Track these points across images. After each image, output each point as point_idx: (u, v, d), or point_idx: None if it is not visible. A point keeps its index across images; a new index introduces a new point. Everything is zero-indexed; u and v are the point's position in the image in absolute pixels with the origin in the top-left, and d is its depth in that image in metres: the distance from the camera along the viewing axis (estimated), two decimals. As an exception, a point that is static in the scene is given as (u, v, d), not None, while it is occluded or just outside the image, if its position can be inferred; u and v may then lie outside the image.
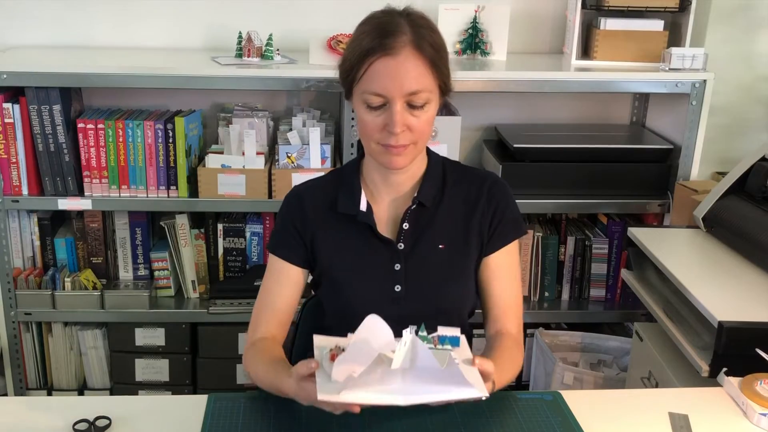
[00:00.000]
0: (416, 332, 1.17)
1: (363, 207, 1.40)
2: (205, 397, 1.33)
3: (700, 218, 1.95)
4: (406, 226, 1.40)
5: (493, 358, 1.28)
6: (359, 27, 1.34)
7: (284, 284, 1.44)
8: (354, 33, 1.34)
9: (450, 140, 2.23)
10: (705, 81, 2.20)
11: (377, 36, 1.28)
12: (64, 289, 2.32)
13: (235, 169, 2.22)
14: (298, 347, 1.70)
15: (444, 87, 1.34)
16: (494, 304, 1.44)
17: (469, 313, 1.49)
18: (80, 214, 2.36)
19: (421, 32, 1.29)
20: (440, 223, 1.41)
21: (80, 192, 2.25)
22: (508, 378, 1.33)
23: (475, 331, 1.76)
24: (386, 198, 1.43)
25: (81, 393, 2.46)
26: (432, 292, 1.40)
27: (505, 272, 1.44)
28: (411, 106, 1.29)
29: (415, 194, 1.41)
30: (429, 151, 1.45)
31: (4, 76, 2.10)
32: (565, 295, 2.48)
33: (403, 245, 1.40)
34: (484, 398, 1.11)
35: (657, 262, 1.81)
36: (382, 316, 1.41)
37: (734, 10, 2.40)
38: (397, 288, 1.40)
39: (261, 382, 1.33)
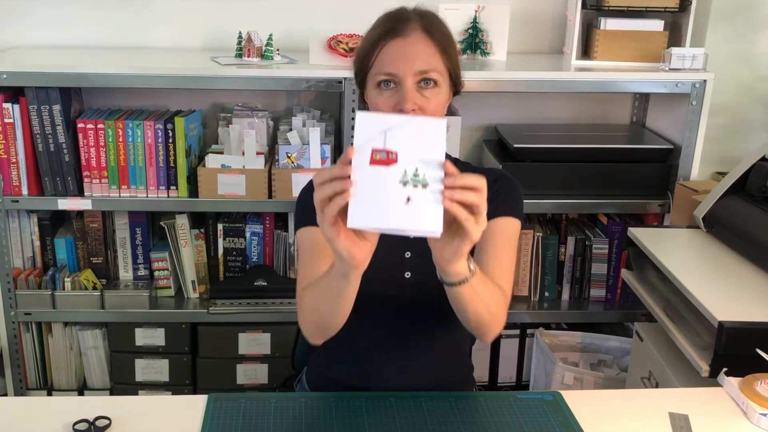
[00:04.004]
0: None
1: None
2: (205, 397, 1.33)
3: (700, 218, 1.95)
4: None
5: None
6: (372, 24, 1.38)
7: (321, 252, 1.38)
8: (367, 31, 1.38)
9: (450, 140, 2.23)
10: (705, 81, 2.20)
11: (388, 22, 1.33)
12: (64, 289, 2.32)
13: (235, 169, 2.22)
14: (300, 346, 1.71)
15: (454, 75, 1.37)
16: (484, 268, 1.37)
17: None
18: (80, 214, 2.36)
19: (430, 19, 1.35)
20: None
21: (80, 192, 2.25)
22: (486, 293, 1.24)
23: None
24: None
25: (81, 393, 2.45)
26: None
27: (498, 241, 1.39)
28: (421, 86, 1.31)
29: None
30: None
31: (4, 76, 2.10)
32: (565, 295, 2.48)
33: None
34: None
35: (657, 262, 1.81)
36: (392, 303, 1.41)
37: (734, 10, 2.40)
38: (407, 275, 1.41)
39: (320, 292, 1.25)
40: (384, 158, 1.02)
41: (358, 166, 1.02)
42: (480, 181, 1.03)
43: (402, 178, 1.01)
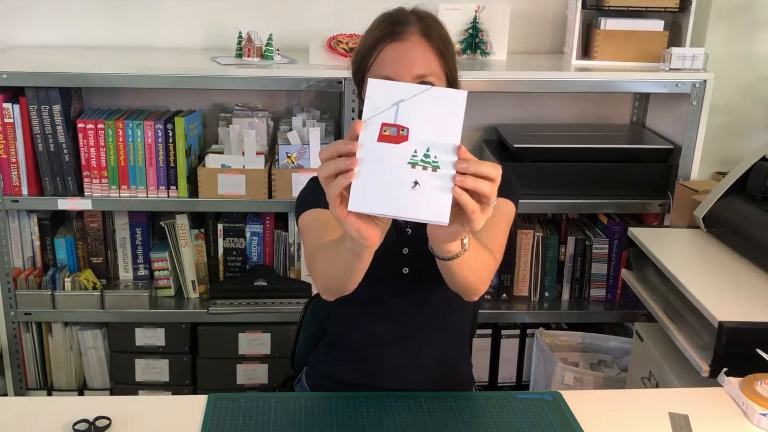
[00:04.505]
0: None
1: None
2: (205, 397, 1.33)
3: (701, 218, 1.95)
4: None
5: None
6: (371, 24, 1.38)
7: (327, 229, 1.34)
8: (366, 30, 1.39)
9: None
10: (705, 81, 2.20)
11: (387, 25, 1.33)
12: (64, 289, 2.32)
13: (235, 169, 2.22)
14: (301, 346, 1.71)
15: (451, 78, 1.37)
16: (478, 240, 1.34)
17: (476, 303, 1.47)
18: (80, 214, 2.36)
19: (428, 22, 1.35)
20: None
21: (80, 192, 2.25)
22: (477, 261, 1.22)
23: (479, 331, 1.75)
24: None
25: (81, 393, 2.45)
26: (438, 274, 1.40)
27: (495, 220, 1.30)
28: None
29: None
30: None
31: (4, 76, 2.10)
32: (566, 295, 2.48)
33: (410, 230, 1.42)
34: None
35: (657, 262, 1.81)
36: (390, 299, 1.41)
37: (734, 10, 2.40)
38: (405, 270, 1.42)
39: (331, 263, 1.23)
40: (393, 134, 0.97)
41: (364, 142, 0.97)
42: (495, 170, 1.00)
43: (411, 159, 0.97)
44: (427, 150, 0.97)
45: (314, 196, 1.41)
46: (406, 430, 1.24)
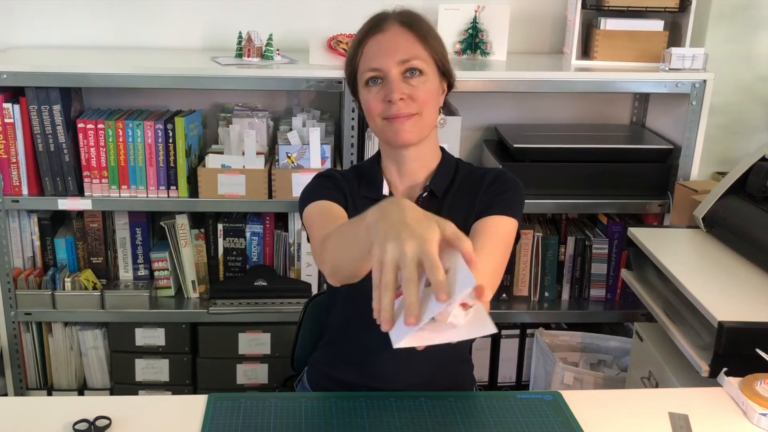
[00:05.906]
0: None
1: (386, 191, 1.45)
2: (205, 397, 1.33)
3: (700, 218, 1.95)
4: None
5: None
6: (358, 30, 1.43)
7: (333, 218, 1.33)
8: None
9: (450, 140, 2.23)
10: (705, 81, 2.20)
11: (368, 24, 1.40)
12: (64, 289, 2.32)
13: (235, 169, 2.22)
14: (300, 346, 1.71)
15: (441, 65, 1.40)
16: None
17: None
18: (80, 214, 2.36)
19: (407, 13, 1.40)
20: (447, 211, 1.43)
21: (80, 192, 2.26)
22: None
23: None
24: (401, 188, 1.47)
25: (81, 393, 2.46)
26: None
27: (486, 240, 1.34)
28: (407, 75, 1.36)
29: (427, 184, 1.45)
30: (443, 150, 1.51)
31: (4, 76, 2.11)
32: (565, 295, 2.48)
33: None
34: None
35: (657, 262, 1.81)
36: None
37: (734, 10, 2.40)
38: None
39: (342, 234, 1.18)
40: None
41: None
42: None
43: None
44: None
45: (319, 190, 1.43)
46: (406, 430, 1.24)
